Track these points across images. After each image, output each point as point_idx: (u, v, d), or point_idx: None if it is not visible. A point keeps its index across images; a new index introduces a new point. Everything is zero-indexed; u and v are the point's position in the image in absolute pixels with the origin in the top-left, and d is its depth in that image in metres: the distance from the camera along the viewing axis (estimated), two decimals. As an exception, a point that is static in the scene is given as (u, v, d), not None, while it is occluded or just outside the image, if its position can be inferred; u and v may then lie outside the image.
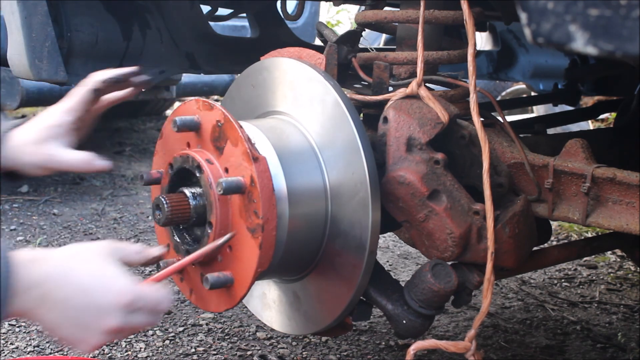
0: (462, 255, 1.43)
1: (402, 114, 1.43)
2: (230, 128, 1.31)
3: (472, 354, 1.35)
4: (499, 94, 5.87)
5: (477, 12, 1.49)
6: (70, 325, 1.11)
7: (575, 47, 0.81)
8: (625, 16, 0.78)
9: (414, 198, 1.39)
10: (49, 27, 1.91)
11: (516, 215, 1.44)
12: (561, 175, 1.48)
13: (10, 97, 3.99)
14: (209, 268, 1.36)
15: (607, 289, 3.04)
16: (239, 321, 2.51)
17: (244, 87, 1.59)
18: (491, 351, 2.38)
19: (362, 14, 1.67)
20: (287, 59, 1.50)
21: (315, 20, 4.83)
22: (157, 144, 1.48)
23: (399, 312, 1.43)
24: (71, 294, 1.10)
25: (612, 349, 2.45)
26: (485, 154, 1.37)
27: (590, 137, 1.58)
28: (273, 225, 1.28)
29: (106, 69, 1.51)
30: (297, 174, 1.40)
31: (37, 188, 4.24)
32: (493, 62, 3.02)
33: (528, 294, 2.93)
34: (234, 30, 4.24)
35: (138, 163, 5.13)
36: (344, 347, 2.35)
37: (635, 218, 1.38)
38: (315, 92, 1.43)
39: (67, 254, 1.15)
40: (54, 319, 1.10)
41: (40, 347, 2.27)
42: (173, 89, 4.77)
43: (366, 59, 1.59)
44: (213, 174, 1.32)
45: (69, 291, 1.10)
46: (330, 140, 1.41)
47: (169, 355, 2.25)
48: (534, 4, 0.84)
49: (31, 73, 1.92)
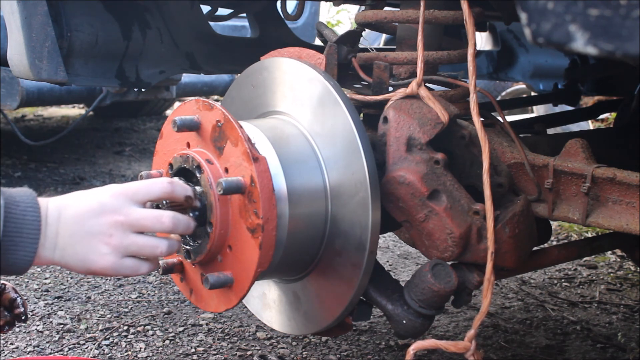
0: (462, 255, 1.43)
1: (402, 114, 1.43)
2: (230, 128, 1.31)
3: (472, 354, 1.35)
4: (499, 94, 5.87)
5: (477, 12, 1.49)
6: (75, 246, 1.17)
7: (575, 47, 0.81)
8: (625, 16, 0.78)
9: (414, 198, 1.39)
10: (49, 27, 1.91)
11: (516, 215, 1.44)
12: (561, 175, 1.48)
13: (10, 97, 3.99)
14: (209, 268, 1.36)
15: (607, 289, 3.04)
16: (239, 321, 2.51)
17: (244, 87, 1.59)
18: (491, 351, 2.38)
19: (362, 14, 1.67)
20: (287, 59, 1.50)
21: (315, 20, 4.83)
22: (157, 144, 1.48)
23: (399, 312, 1.43)
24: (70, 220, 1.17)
25: (612, 349, 2.45)
26: (485, 154, 1.37)
27: (590, 137, 1.58)
28: (273, 225, 1.28)
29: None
30: (297, 174, 1.40)
31: (37, 188, 4.24)
32: (493, 62, 3.02)
33: (528, 294, 2.93)
34: (234, 30, 4.24)
35: (138, 163, 5.13)
36: (344, 347, 2.35)
37: (635, 218, 1.38)
38: (316, 92, 1.43)
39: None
40: (63, 247, 1.16)
41: (40, 347, 2.27)
42: (173, 89, 4.77)
43: (366, 59, 1.59)
44: (213, 174, 1.32)
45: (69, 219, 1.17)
46: (330, 140, 1.41)
47: (169, 355, 2.25)
48: (534, 4, 0.84)
49: (31, 73, 1.92)
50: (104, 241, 1.17)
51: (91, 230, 1.17)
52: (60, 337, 2.35)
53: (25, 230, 1.12)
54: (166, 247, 1.24)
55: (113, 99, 4.64)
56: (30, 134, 4.93)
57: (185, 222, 1.26)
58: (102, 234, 1.17)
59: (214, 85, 5.38)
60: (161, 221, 1.22)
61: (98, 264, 1.17)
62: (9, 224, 1.11)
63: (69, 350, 2.27)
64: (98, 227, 1.17)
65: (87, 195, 1.21)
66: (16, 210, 1.12)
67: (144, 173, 1.41)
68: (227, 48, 2.33)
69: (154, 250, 1.22)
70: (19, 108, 4.31)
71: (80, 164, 4.96)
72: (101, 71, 2.09)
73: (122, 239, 1.18)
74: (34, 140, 4.62)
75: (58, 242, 1.16)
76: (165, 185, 1.25)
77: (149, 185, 1.24)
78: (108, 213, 1.18)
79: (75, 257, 1.17)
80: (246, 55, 2.20)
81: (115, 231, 1.18)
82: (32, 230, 1.13)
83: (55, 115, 6.88)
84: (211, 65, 2.30)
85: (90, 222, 1.17)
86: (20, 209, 1.13)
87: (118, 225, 1.18)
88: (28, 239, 1.12)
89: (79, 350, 2.27)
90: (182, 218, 1.25)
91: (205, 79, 5.21)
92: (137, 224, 1.20)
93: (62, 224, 1.17)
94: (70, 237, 1.16)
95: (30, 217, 1.13)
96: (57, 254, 1.16)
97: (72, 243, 1.17)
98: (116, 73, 2.12)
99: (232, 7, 2.39)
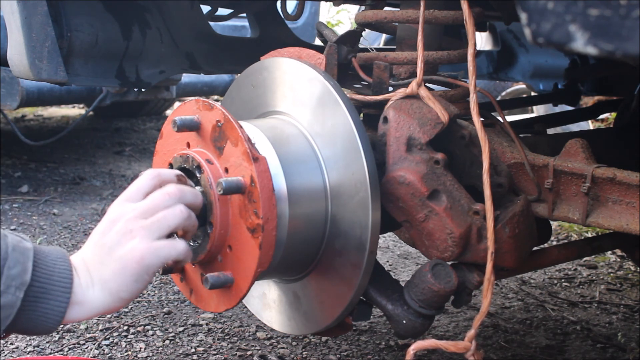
0: (462, 255, 1.43)
1: (402, 114, 1.43)
2: (230, 128, 1.31)
3: (472, 354, 1.35)
4: (499, 94, 5.87)
5: (477, 12, 1.49)
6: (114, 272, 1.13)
7: (575, 47, 0.81)
8: (625, 16, 0.78)
9: (414, 198, 1.39)
10: (49, 27, 1.91)
11: (516, 215, 1.44)
12: (561, 175, 1.48)
13: (10, 97, 3.99)
14: (209, 268, 1.36)
15: (607, 289, 3.04)
16: (239, 321, 2.51)
17: (244, 87, 1.59)
18: (491, 351, 2.38)
19: (362, 14, 1.67)
20: (287, 59, 1.50)
21: (315, 20, 4.83)
22: (157, 144, 1.48)
23: (399, 312, 1.43)
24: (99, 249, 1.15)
25: (612, 349, 2.45)
26: (485, 154, 1.37)
27: (590, 137, 1.58)
28: (273, 225, 1.28)
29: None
30: (297, 174, 1.40)
31: (37, 188, 4.24)
32: (493, 62, 3.02)
33: (528, 294, 2.93)
34: (234, 30, 4.24)
35: (138, 163, 5.13)
36: (344, 347, 2.35)
37: (635, 218, 1.38)
38: (316, 92, 1.43)
39: None
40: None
41: (40, 347, 2.27)
42: (173, 89, 4.77)
43: (366, 59, 1.59)
44: (213, 174, 1.32)
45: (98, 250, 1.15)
46: (330, 140, 1.41)
47: (169, 355, 2.25)
48: (534, 4, 0.84)
49: (31, 73, 1.92)
50: (129, 238, 1.14)
51: (113, 242, 1.14)
52: (60, 337, 2.35)
53: (56, 277, 1.08)
54: (184, 207, 1.19)
55: (113, 99, 4.64)
56: (30, 134, 4.93)
57: (191, 190, 1.25)
58: (124, 235, 1.14)
59: (214, 85, 5.38)
60: (167, 192, 1.20)
61: (135, 257, 1.12)
62: (39, 270, 1.07)
63: (69, 350, 2.27)
64: (116, 234, 1.15)
65: (96, 226, 1.20)
66: (46, 259, 1.09)
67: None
68: (227, 48, 2.33)
69: (175, 212, 1.18)
70: (19, 108, 4.32)
71: (80, 164, 4.96)
72: (101, 71, 2.09)
73: (143, 224, 1.15)
74: (34, 140, 4.62)
75: (93, 276, 1.12)
76: (150, 172, 1.24)
77: (138, 180, 1.24)
78: (118, 219, 1.17)
79: (114, 274, 1.12)
80: (246, 55, 2.20)
81: (133, 225, 1.15)
82: (63, 278, 1.09)
83: (55, 115, 6.88)
84: (211, 65, 2.30)
85: (108, 237, 1.15)
86: (50, 258, 1.10)
87: (132, 220, 1.16)
88: (60, 285, 1.08)
89: (79, 350, 2.27)
90: (186, 187, 1.24)
91: (205, 79, 5.22)
92: (147, 209, 1.18)
93: (88, 260, 1.14)
94: (100, 263, 1.13)
95: (61, 266, 1.10)
96: (97, 289, 1.11)
97: (104, 264, 1.13)
98: (116, 73, 2.12)
99: (232, 7, 2.39)
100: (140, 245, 1.13)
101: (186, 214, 1.20)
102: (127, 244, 1.13)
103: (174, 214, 1.18)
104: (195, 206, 1.25)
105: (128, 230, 1.15)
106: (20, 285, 1.04)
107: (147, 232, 1.15)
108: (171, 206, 1.19)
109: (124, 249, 1.13)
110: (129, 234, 1.14)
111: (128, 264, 1.12)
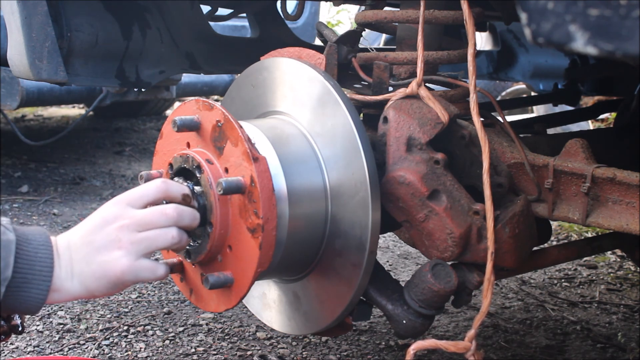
0: (462, 255, 1.43)
1: (402, 114, 1.43)
2: (230, 128, 1.31)
3: (472, 354, 1.35)
4: (499, 94, 5.87)
5: (477, 12, 1.49)
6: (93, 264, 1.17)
7: (575, 47, 0.81)
8: (625, 16, 0.78)
9: (414, 198, 1.39)
10: (49, 27, 1.91)
11: (516, 215, 1.44)
12: (561, 175, 1.48)
13: (10, 97, 3.99)
14: (209, 268, 1.36)
15: (607, 289, 3.04)
16: (239, 321, 2.51)
17: (244, 87, 1.59)
18: (491, 351, 2.38)
19: (362, 14, 1.67)
20: (287, 59, 1.50)
21: (315, 20, 4.83)
22: (157, 144, 1.48)
23: (399, 312, 1.43)
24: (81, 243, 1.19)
25: (612, 349, 2.45)
26: (485, 154, 1.37)
27: (590, 137, 1.57)
28: (273, 225, 1.28)
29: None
30: (297, 174, 1.40)
31: (37, 188, 4.24)
32: (493, 62, 3.02)
33: (528, 294, 2.93)
34: (234, 30, 4.24)
35: (138, 163, 5.13)
36: (344, 347, 2.35)
37: (635, 218, 1.38)
38: (315, 92, 1.43)
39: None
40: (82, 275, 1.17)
41: (40, 347, 2.27)
42: (173, 89, 4.77)
43: (366, 59, 1.59)
44: (213, 174, 1.32)
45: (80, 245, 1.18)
46: (330, 140, 1.41)
47: (169, 355, 2.25)
48: (534, 4, 0.84)
49: (31, 73, 1.92)
50: (116, 246, 1.17)
51: (100, 243, 1.17)
52: (60, 337, 2.35)
53: (37, 266, 1.12)
54: (177, 232, 1.22)
55: (113, 99, 4.64)
56: (30, 134, 4.93)
57: (190, 213, 1.26)
58: (112, 241, 1.17)
59: (214, 85, 5.39)
60: (165, 213, 1.21)
61: (116, 270, 1.16)
62: (21, 261, 1.10)
63: (69, 350, 2.27)
64: (106, 237, 1.17)
65: (88, 217, 1.21)
66: (28, 247, 1.12)
67: (144, 173, 1.41)
68: (227, 48, 2.33)
69: (166, 236, 1.21)
70: (19, 108, 4.32)
71: (80, 164, 4.96)
72: (101, 71, 2.09)
73: (132, 238, 1.18)
74: (34, 140, 4.62)
75: (74, 269, 1.16)
76: (159, 184, 1.26)
77: (144, 187, 1.25)
78: (111, 221, 1.18)
79: (93, 276, 1.16)
80: (246, 55, 2.20)
81: (123, 234, 1.18)
82: (44, 268, 1.12)
83: (55, 115, 6.88)
84: (211, 65, 2.30)
85: (97, 236, 1.18)
86: (32, 246, 1.13)
87: (124, 229, 1.18)
88: (41, 275, 1.12)
89: (79, 350, 2.27)
90: (186, 208, 1.25)
91: (205, 79, 5.22)
92: (142, 222, 1.20)
93: (74, 250, 1.17)
94: (83, 259, 1.17)
95: (43, 254, 1.13)
96: (75, 282, 1.16)
97: (87, 263, 1.16)
98: (116, 73, 2.12)
99: (232, 7, 2.39)
100: (123, 260, 1.17)
101: (177, 239, 1.22)
102: (112, 253, 1.17)
103: (164, 238, 1.21)
104: (191, 228, 1.28)
105: (117, 239, 1.17)
106: (2, 280, 1.08)
107: (133, 248, 1.18)
108: (165, 227, 1.21)
109: (108, 257, 1.17)
110: (117, 242, 1.17)
111: (108, 273, 1.17)
